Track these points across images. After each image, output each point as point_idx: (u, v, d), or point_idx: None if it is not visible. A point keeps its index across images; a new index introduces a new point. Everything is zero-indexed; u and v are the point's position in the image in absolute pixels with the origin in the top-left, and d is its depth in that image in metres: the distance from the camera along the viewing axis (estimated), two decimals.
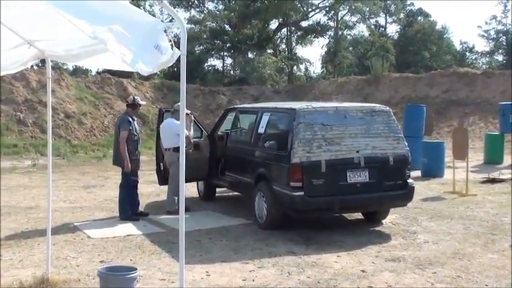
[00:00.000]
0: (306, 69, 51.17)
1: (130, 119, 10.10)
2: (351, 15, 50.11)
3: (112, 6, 4.44)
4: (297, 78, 45.91)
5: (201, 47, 44.04)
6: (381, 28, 55.35)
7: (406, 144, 9.33)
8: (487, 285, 6.56)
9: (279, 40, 49.22)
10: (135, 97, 10.58)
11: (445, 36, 55.84)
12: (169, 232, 9.13)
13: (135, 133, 10.15)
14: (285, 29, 48.32)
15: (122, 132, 9.91)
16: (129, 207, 10.27)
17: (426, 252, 7.90)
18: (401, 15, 54.72)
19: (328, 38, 50.05)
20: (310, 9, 47.69)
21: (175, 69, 29.55)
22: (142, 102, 10.60)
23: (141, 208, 10.64)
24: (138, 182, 10.50)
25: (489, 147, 17.70)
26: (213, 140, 11.47)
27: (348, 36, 52.68)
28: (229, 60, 47.19)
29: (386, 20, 55.12)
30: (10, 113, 23.39)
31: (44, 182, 13.98)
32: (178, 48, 4.49)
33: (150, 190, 13.02)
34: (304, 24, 48.16)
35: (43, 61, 6.27)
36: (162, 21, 4.66)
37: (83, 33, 4.39)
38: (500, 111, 18.39)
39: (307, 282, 6.71)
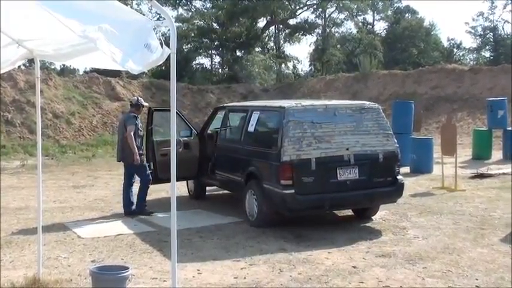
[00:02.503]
0: (294, 67, 51.19)
1: (136, 116, 10.39)
2: (338, 13, 50.25)
3: (101, 5, 4.43)
4: (285, 76, 45.91)
5: (189, 46, 43.96)
6: (368, 25, 55.52)
7: (396, 141, 9.38)
8: (477, 279, 6.61)
9: (267, 38, 49.27)
10: (139, 98, 10.87)
11: (432, 33, 56.03)
12: (160, 231, 9.14)
13: (141, 129, 10.40)
14: (273, 27, 48.36)
15: (129, 127, 10.15)
16: (131, 203, 10.46)
17: (416, 248, 7.95)
18: (389, 13, 54.89)
19: (316, 36, 50.17)
20: (298, 7, 47.76)
21: (163, 68, 29.53)
22: (146, 104, 10.84)
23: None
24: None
25: (477, 143, 17.82)
26: (202, 138, 11.47)
27: (336, 34, 52.74)
28: (217, 59, 47.24)
29: (374, 17, 55.34)
30: None
31: (33, 183, 13.93)
32: (168, 46, 4.50)
33: None
34: (292, 22, 48.22)
35: (30, 61, 6.24)
36: (150, 19, 4.67)
37: (73, 32, 4.38)
38: (488, 107, 18.49)
39: (298, 278, 6.73)
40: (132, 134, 10.12)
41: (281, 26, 48.39)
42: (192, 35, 43.60)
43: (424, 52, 52.44)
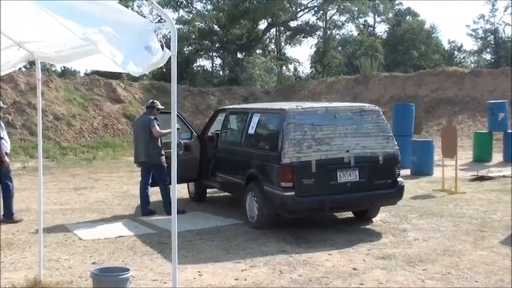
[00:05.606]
0: (295, 69, 51.29)
1: (155, 118, 10.56)
2: (339, 15, 50.37)
3: (102, 7, 4.45)
4: (286, 78, 45.96)
5: (190, 48, 43.98)
6: (369, 28, 55.57)
7: (396, 143, 9.39)
8: (476, 282, 6.61)
9: (268, 40, 49.34)
10: (154, 101, 11.02)
11: (433, 35, 56.13)
12: (160, 233, 9.15)
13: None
14: (274, 29, 48.46)
15: (154, 128, 10.35)
16: (149, 202, 10.57)
17: (416, 250, 7.95)
18: (390, 15, 54.94)
19: (317, 38, 50.28)
20: (299, 9, 47.87)
21: (164, 70, 29.54)
22: (161, 107, 10.90)
23: (132, 209, 10.64)
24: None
25: (478, 145, 17.84)
26: (203, 141, 11.49)
27: (337, 36, 52.83)
28: (218, 61, 47.27)
29: (375, 19, 55.41)
30: None
31: (33, 185, 13.95)
32: (169, 48, 4.51)
33: None
34: (293, 24, 48.38)
35: (31, 63, 6.25)
36: (151, 21, 4.68)
37: (74, 34, 4.40)
38: (489, 109, 18.52)
39: (298, 280, 6.74)
40: (158, 133, 10.33)
41: (282, 28, 48.49)
42: (193, 37, 43.63)
43: (425, 55, 52.52)
